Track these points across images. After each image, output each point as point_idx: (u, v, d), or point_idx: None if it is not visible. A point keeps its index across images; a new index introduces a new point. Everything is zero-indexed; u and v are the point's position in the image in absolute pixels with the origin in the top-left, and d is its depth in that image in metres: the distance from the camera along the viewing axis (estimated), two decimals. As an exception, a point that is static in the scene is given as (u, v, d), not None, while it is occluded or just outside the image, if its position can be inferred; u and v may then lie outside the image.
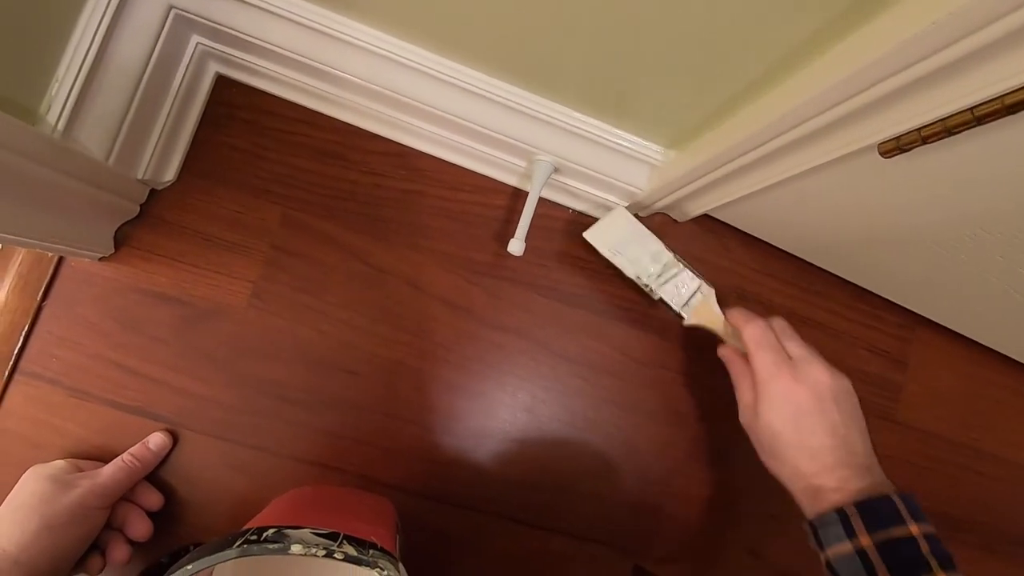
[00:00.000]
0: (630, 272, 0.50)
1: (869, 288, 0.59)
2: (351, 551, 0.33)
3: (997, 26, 0.23)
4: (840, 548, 0.37)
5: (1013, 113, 0.25)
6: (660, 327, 0.57)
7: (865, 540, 0.36)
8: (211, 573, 0.36)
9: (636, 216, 0.57)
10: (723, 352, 0.49)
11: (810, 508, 0.41)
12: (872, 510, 0.37)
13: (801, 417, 0.42)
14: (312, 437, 0.51)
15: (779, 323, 0.47)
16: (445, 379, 0.53)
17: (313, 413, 0.51)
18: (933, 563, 0.35)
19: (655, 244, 0.51)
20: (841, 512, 0.38)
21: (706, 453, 0.57)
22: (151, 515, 0.46)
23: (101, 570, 0.44)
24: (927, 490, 0.61)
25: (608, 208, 0.54)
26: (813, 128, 0.33)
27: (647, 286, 0.50)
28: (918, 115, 0.29)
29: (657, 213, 0.56)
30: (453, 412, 0.53)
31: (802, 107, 0.32)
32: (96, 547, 0.43)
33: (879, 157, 0.32)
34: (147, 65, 0.43)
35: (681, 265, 0.50)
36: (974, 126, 0.27)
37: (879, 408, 0.60)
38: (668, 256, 0.51)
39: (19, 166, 0.34)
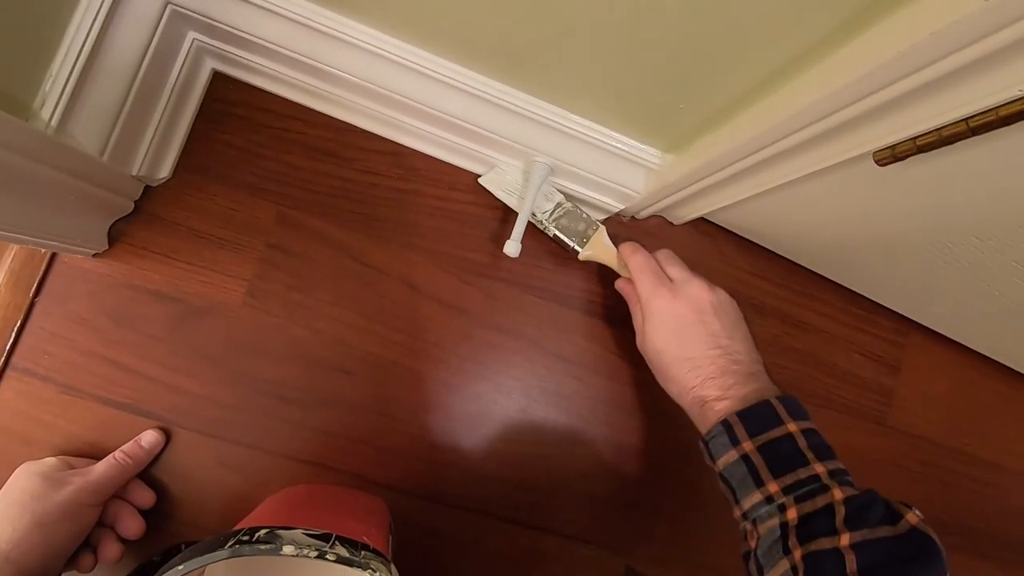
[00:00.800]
0: (524, 210, 0.51)
1: (863, 293, 0.60)
2: (343, 552, 0.33)
3: (994, 39, 0.23)
4: (727, 457, 0.39)
5: (1008, 124, 0.25)
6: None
7: (748, 445, 0.38)
8: (202, 573, 0.36)
9: (632, 218, 0.57)
10: (618, 284, 0.51)
11: (700, 422, 0.42)
12: (753, 416, 0.38)
13: (681, 330, 0.43)
14: (306, 436, 0.51)
15: (663, 253, 0.49)
16: (439, 379, 0.53)
17: (307, 412, 0.51)
18: (810, 456, 0.37)
19: (547, 186, 0.52)
20: (725, 423, 0.39)
21: (699, 454, 0.57)
22: (143, 513, 0.46)
23: (92, 568, 0.44)
24: (919, 495, 0.61)
25: (603, 210, 0.54)
26: (809, 135, 0.33)
27: (541, 223, 0.52)
28: (913, 124, 0.29)
29: (653, 216, 0.56)
30: (447, 412, 0.53)
31: (799, 114, 0.32)
32: (88, 545, 0.43)
33: (874, 165, 0.32)
34: (143, 61, 0.42)
35: (572, 203, 0.52)
36: (969, 136, 0.27)
37: (872, 412, 0.61)
38: (559, 196, 0.52)
39: (12, 162, 0.34)
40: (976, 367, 0.63)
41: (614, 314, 0.57)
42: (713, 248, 0.59)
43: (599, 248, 0.52)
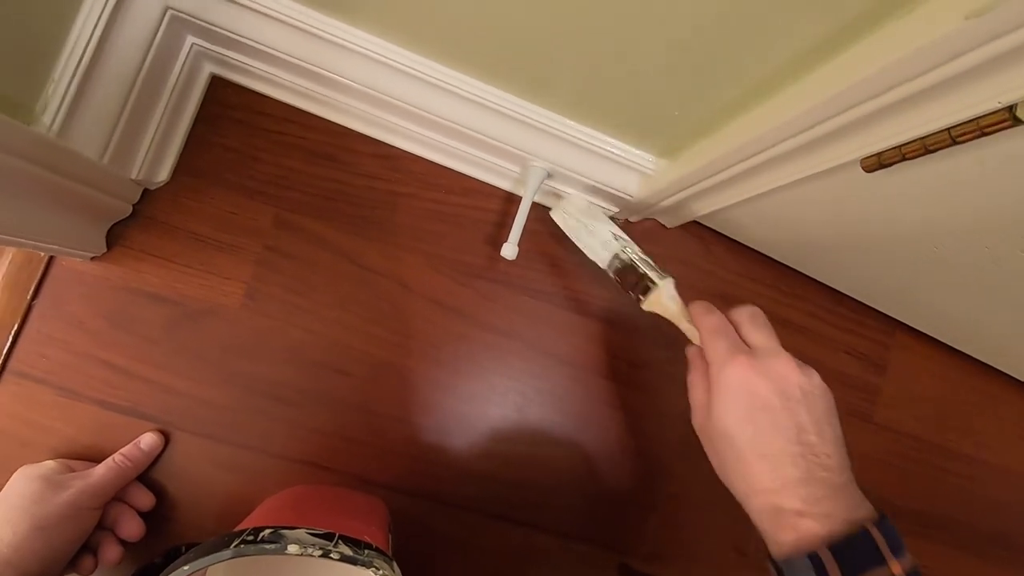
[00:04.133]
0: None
1: (850, 294, 0.61)
2: (347, 551, 0.33)
3: (974, 54, 0.24)
4: None
5: (987, 135, 0.27)
6: (651, 330, 0.58)
7: None
8: (204, 573, 0.37)
9: (626, 221, 0.58)
10: (688, 351, 0.43)
11: (772, 534, 0.34)
12: (849, 552, 0.31)
13: (758, 414, 0.35)
14: (303, 436, 0.51)
15: (747, 311, 0.39)
16: (436, 379, 0.54)
17: (304, 413, 0.51)
18: None
19: (616, 229, 0.50)
20: (815, 559, 0.31)
21: (694, 453, 0.57)
22: (143, 515, 0.46)
23: (93, 570, 0.44)
24: (903, 489, 0.63)
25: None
26: (800, 143, 0.34)
27: (610, 264, 0.48)
28: (899, 134, 0.30)
29: (646, 219, 0.57)
30: (444, 412, 0.54)
31: (790, 122, 0.33)
32: (88, 548, 0.43)
33: (862, 171, 0.33)
34: (143, 65, 0.43)
35: (640, 253, 0.48)
36: (951, 145, 0.28)
37: (858, 409, 0.62)
38: (632, 247, 0.48)
39: (14, 166, 0.34)
40: (959, 366, 0.65)
41: (611, 316, 0.57)
42: (704, 250, 0.60)
43: (664, 303, 0.44)
